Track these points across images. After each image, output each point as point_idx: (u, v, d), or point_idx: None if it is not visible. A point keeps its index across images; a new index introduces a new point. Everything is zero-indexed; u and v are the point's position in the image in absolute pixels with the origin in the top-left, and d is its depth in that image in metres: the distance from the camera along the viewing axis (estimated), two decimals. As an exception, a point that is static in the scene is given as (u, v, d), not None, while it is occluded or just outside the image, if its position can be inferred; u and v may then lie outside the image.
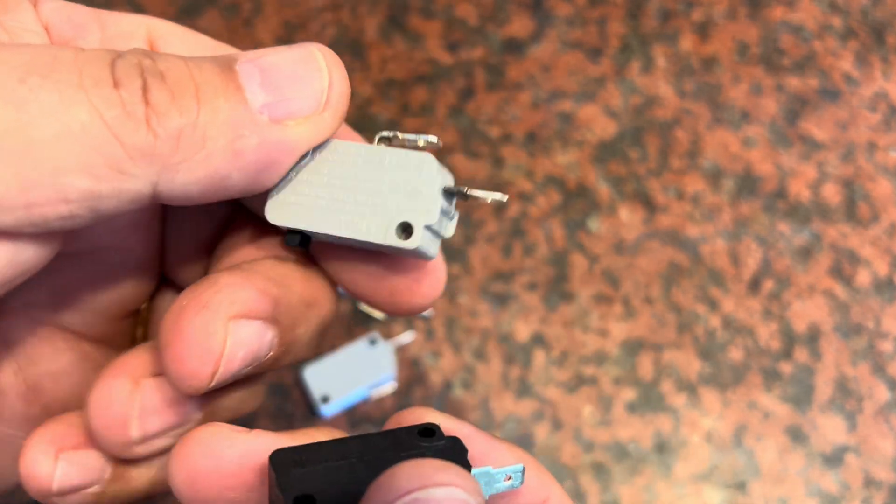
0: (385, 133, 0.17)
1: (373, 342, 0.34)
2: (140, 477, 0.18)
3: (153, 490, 0.18)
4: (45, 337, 0.19)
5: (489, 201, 0.17)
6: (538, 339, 0.35)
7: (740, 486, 0.33)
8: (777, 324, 0.36)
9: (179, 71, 0.15)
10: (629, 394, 0.34)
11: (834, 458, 0.33)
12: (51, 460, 0.17)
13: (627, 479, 0.33)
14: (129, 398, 0.17)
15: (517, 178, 0.39)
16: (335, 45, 0.42)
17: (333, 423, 0.34)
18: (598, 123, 0.40)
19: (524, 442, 0.33)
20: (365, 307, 0.35)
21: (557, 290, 0.36)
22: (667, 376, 0.35)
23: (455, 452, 0.16)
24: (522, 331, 0.35)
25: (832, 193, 0.38)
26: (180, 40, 0.19)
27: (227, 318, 0.16)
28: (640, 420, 0.34)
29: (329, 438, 0.16)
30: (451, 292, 0.36)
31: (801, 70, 0.41)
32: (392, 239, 0.16)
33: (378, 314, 0.35)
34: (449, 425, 0.16)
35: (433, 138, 0.17)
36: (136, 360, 0.17)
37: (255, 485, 0.15)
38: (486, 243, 0.37)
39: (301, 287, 0.18)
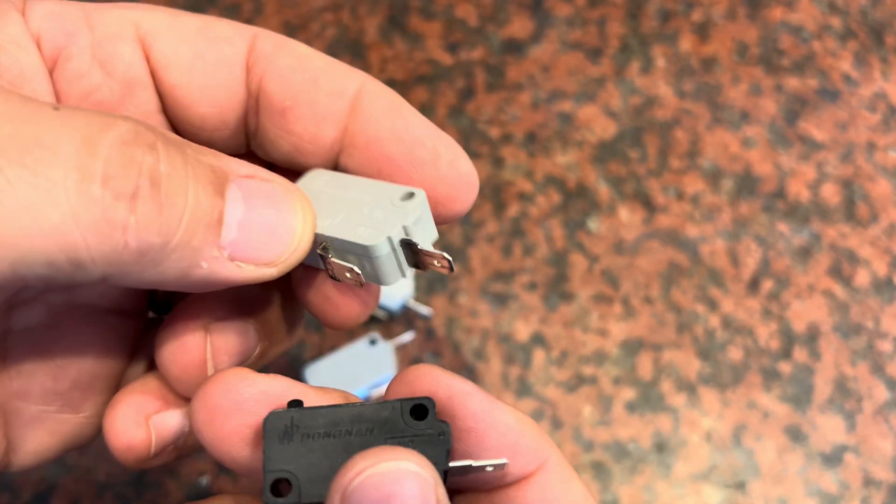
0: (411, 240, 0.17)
1: (373, 342, 0.34)
2: None
3: None
4: (63, 315, 0.20)
5: (436, 264, 0.18)
6: (538, 339, 0.35)
7: (740, 486, 0.33)
8: (776, 324, 0.36)
9: (178, 180, 0.15)
10: (629, 393, 0.34)
11: (833, 458, 0.33)
12: (143, 427, 0.18)
13: (627, 478, 0.33)
14: (202, 341, 0.18)
15: (517, 178, 0.39)
16: (335, 46, 0.42)
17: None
18: (598, 124, 0.40)
19: (524, 441, 0.34)
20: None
21: (557, 290, 0.36)
22: (666, 376, 0.35)
23: (438, 444, 0.16)
24: (522, 331, 0.36)
25: (831, 193, 0.38)
26: (171, 35, 0.18)
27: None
28: (640, 420, 0.34)
29: (332, 402, 0.17)
30: (451, 292, 0.36)
31: (801, 70, 0.41)
32: (356, 237, 0.17)
33: (380, 313, 0.35)
34: (451, 383, 0.17)
35: (447, 258, 0.17)
36: (195, 308, 0.19)
37: None
38: (486, 243, 0.37)
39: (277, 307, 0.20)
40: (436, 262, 0.17)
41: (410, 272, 0.18)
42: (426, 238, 0.18)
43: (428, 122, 0.19)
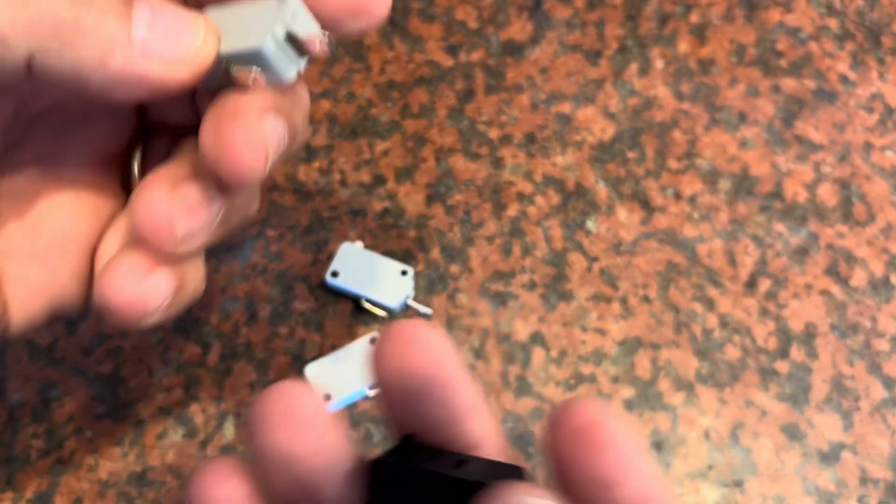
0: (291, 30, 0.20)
1: (374, 341, 0.35)
2: (191, 280, 0.21)
3: (195, 294, 0.22)
4: (44, 177, 0.22)
5: (317, 46, 0.20)
6: (537, 338, 0.36)
7: (737, 484, 0.33)
8: (774, 323, 0.36)
9: None
10: (627, 392, 0.35)
11: (830, 456, 0.34)
12: (141, 283, 0.20)
13: (625, 476, 0.33)
14: (171, 200, 0.20)
15: (516, 178, 0.39)
16: (336, 48, 0.42)
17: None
18: (597, 125, 0.40)
19: (523, 440, 0.34)
20: (367, 305, 0.36)
21: (556, 289, 0.37)
22: (664, 375, 0.35)
23: None
24: (521, 330, 0.36)
25: (829, 194, 0.39)
26: None
27: (260, 117, 0.19)
28: (638, 418, 0.34)
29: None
30: (450, 292, 0.37)
31: (798, 72, 0.41)
32: (246, 44, 0.19)
33: (380, 312, 0.36)
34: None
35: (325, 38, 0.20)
36: (166, 172, 0.20)
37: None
38: (485, 243, 0.38)
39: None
40: (317, 45, 0.20)
41: (303, 63, 0.21)
42: (308, 30, 0.20)
43: None
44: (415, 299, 0.36)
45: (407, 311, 0.36)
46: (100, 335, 0.36)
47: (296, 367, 0.35)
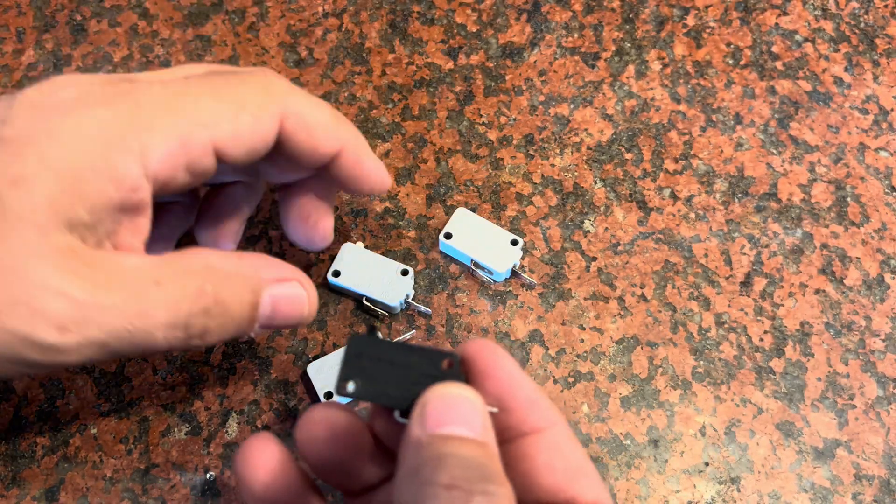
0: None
1: (372, 330, 0.35)
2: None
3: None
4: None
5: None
6: (536, 337, 0.36)
7: (733, 481, 0.33)
8: (769, 322, 0.36)
9: (231, 312, 0.26)
10: (624, 390, 0.35)
11: (825, 453, 0.34)
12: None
13: (623, 472, 0.34)
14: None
15: (515, 179, 0.39)
16: (337, 50, 0.43)
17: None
18: (595, 126, 0.41)
19: (522, 437, 0.34)
20: (368, 305, 0.36)
21: (555, 288, 0.37)
22: (661, 373, 0.35)
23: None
24: (520, 328, 0.36)
25: (823, 194, 0.39)
26: (233, 135, 0.27)
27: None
28: (635, 415, 0.35)
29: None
30: (450, 291, 0.37)
31: (793, 73, 0.42)
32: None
33: (380, 312, 0.36)
34: (498, 358, 0.23)
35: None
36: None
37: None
38: (484, 243, 0.38)
39: None
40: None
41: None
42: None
43: (378, 163, 0.31)
44: (414, 299, 0.36)
45: (407, 309, 0.36)
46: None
47: (298, 366, 0.36)
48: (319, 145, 0.28)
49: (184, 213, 0.32)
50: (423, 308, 0.36)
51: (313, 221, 0.32)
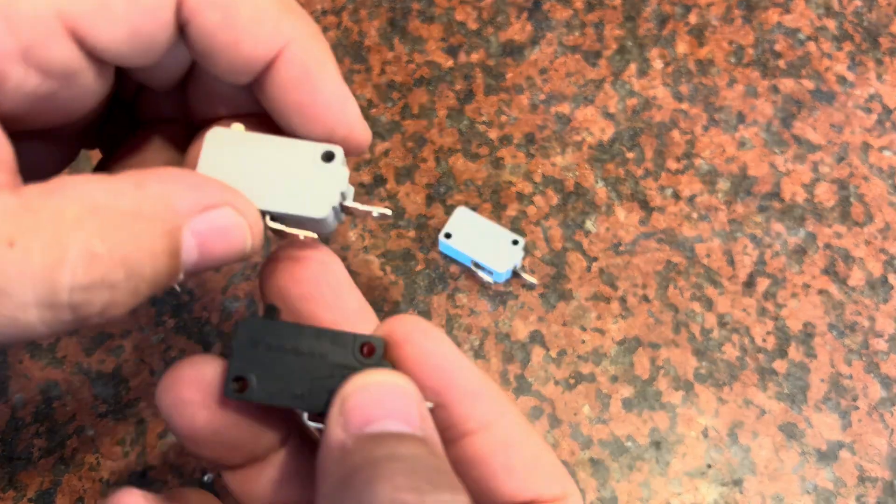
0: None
1: None
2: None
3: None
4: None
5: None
6: (537, 338, 0.36)
7: (736, 483, 0.33)
8: (772, 322, 0.36)
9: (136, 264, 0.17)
10: (626, 391, 0.35)
11: (829, 455, 0.34)
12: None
13: (625, 475, 0.33)
14: None
15: (516, 179, 0.39)
16: (336, 48, 0.42)
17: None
18: (596, 125, 0.40)
19: (523, 439, 0.34)
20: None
21: (556, 289, 0.37)
22: (663, 374, 0.35)
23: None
24: (521, 329, 0.36)
25: (827, 194, 0.39)
26: (100, 18, 0.17)
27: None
28: (637, 417, 0.34)
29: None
30: (450, 292, 0.37)
31: (796, 72, 0.42)
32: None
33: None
34: (430, 343, 0.19)
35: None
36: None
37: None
38: (485, 243, 0.38)
39: None
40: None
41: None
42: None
43: (341, 88, 0.20)
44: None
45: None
46: (101, 335, 0.36)
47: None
48: (242, 39, 0.19)
49: (59, 151, 0.22)
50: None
51: None
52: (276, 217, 0.20)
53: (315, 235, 0.20)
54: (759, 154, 0.40)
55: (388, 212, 0.20)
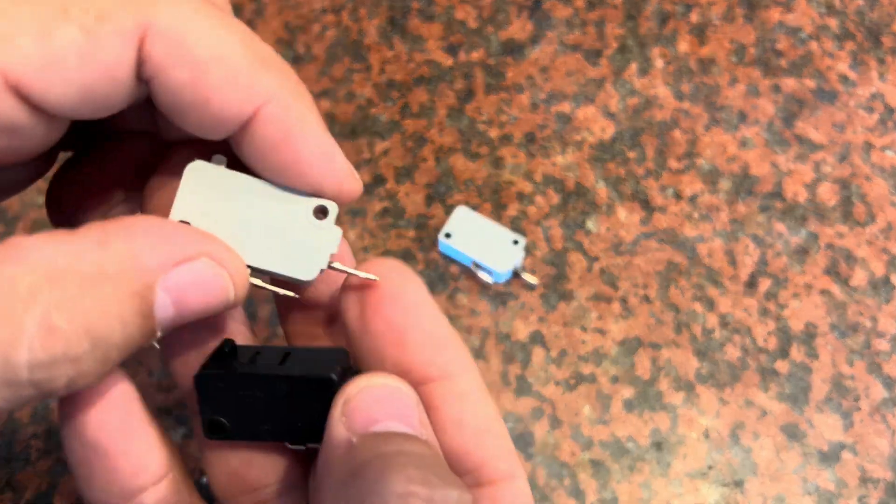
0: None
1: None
2: None
3: None
4: None
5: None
6: (537, 338, 0.36)
7: (737, 484, 0.33)
8: (774, 323, 0.36)
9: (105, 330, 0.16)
10: (627, 392, 0.35)
11: (830, 456, 0.34)
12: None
13: (626, 476, 0.33)
14: None
15: (516, 178, 0.39)
16: (336, 47, 0.42)
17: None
18: (597, 124, 0.40)
19: (523, 440, 0.34)
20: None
21: (556, 289, 0.37)
22: (664, 375, 0.35)
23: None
24: (521, 330, 0.36)
25: (829, 194, 0.39)
26: (47, 74, 0.16)
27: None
28: (638, 418, 0.34)
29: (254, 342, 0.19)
30: (450, 292, 0.37)
31: (798, 71, 0.41)
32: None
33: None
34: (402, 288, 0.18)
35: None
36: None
37: None
38: (485, 243, 0.38)
39: None
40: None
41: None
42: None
43: (326, 143, 0.19)
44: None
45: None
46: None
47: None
48: (213, 98, 0.17)
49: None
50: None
51: None
52: (256, 272, 0.18)
53: (296, 295, 0.19)
54: (761, 154, 0.40)
55: (375, 278, 0.18)
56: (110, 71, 0.16)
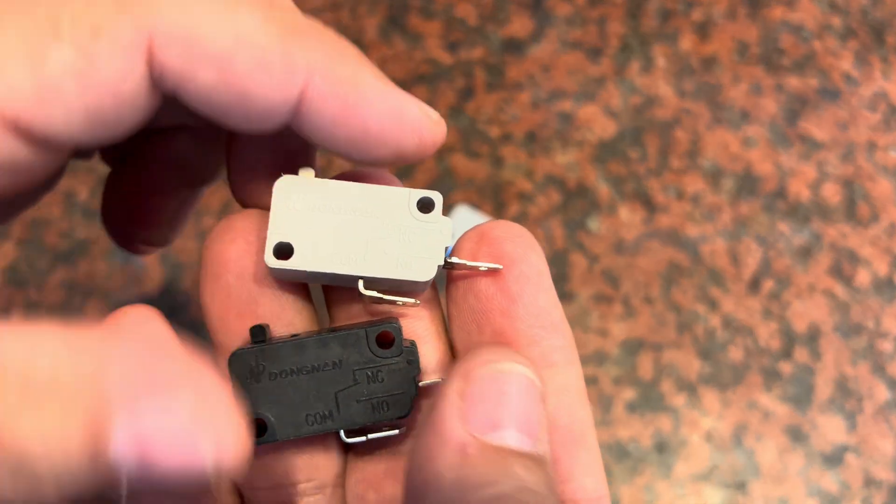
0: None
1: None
2: None
3: None
4: None
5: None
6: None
7: (740, 486, 0.33)
8: (777, 323, 0.36)
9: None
10: (629, 393, 0.34)
11: (834, 458, 0.33)
12: None
13: (628, 478, 0.33)
14: None
15: (517, 177, 0.39)
16: (335, 46, 0.42)
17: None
18: (598, 123, 0.40)
19: (524, 442, 0.33)
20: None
21: (557, 289, 0.36)
22: (667, 376, 0.35)
23: (407, 370, 0.16)
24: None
25: (832, 193, 0.38)
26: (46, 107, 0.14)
27: None
28: (641, 420, 0.34)
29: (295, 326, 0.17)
30: (451, 292, 0.36)
31: (801, 70, 0.41)
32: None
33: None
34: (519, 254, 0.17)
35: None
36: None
37: None
38: (486, 243, 0.37)
39: None
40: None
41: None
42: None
43: (391, 95, 0.16)
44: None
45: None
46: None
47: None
48: (251, 90, 0.15)
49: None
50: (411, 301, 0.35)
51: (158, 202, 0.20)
52: (369, 282, 0.17)
53: (417, 301, 0.17)
54: (764, 153, 0.39)
55: (500, 267, 0.17)
56: (117, 90, 0.14)
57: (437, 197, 0.17)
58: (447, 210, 0.38)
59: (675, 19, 0.43)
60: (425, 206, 0.17)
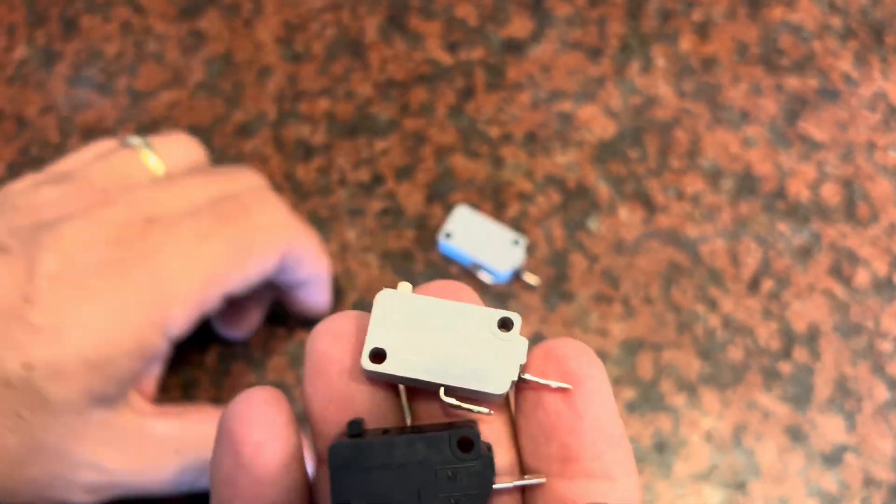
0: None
1: (505, 324, 0.35)
2: None
3: None
4: None
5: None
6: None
7: (740, 486, 0.33)
8: (776, 323, 0.36)
9: None
10: (629, 393, 0.34)
11: (833, 458, 0.33)
12: None
13: (627, 478, 0.33)
14: None
15: (517, 178, 0.39)
16: (335, 46, 0.42)
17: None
18: (598, 123, 0.40)
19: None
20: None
21: (557, 289, 0.36)
22: (666, 376, 0.35)
23: (486, 472, 0.18)
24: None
25: (832, 193, 0.38)
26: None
27: None
28: (640, 420, 0.34)
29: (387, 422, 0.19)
30: (450, 292, 0.36)
31: (801, 70, 0.41)
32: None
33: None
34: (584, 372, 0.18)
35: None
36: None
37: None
38: (485, 243, 0.37)
39: None
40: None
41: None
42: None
43: (325, 295, 0.35)
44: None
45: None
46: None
47: (294, 368, 0.35)
48: (301, 275, 0.30)
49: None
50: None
51: (247, 317, 0.33)
52: (449, 390, 0.19)
53: (489, 411, 0.19)
54: (764, 153, 0.39)
55: (569, 387, 0.18)
56: (265, 273, 0.30)
57: (516, 318, 0.19)
58: (447, 210, 0.38)
59: (674, 19, 0.43)
60: (505, 324, 0.19)
